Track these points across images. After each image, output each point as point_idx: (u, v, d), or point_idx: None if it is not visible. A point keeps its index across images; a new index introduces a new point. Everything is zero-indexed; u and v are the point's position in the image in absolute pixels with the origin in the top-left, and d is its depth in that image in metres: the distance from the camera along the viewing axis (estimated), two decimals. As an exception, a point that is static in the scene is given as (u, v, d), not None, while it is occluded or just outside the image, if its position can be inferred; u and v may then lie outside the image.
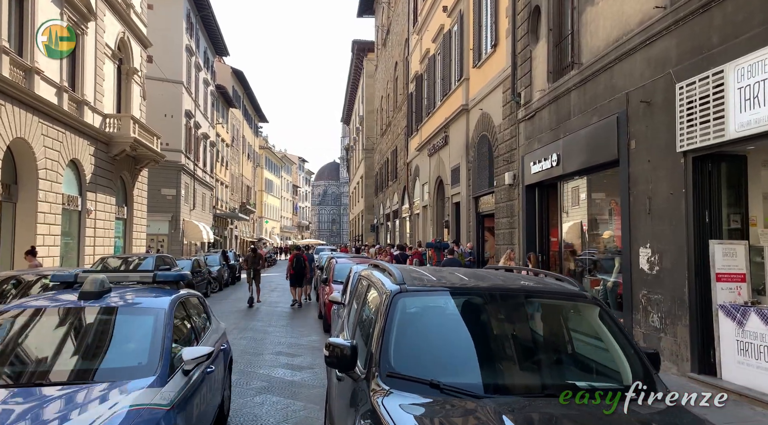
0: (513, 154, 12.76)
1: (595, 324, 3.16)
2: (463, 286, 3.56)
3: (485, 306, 3.36)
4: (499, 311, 3.36)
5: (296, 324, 12.95)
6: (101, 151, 21.16)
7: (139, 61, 25.76)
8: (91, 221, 20.25)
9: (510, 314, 3.33)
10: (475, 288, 3.49)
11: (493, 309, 3.36)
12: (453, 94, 17.68)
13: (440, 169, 19.67)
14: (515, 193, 12.60)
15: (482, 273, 4.17)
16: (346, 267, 12.42)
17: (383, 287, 3.45)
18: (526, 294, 3.45)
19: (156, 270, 13.36)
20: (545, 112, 11.04)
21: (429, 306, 3.38)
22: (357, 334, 3.77)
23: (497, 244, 13.78)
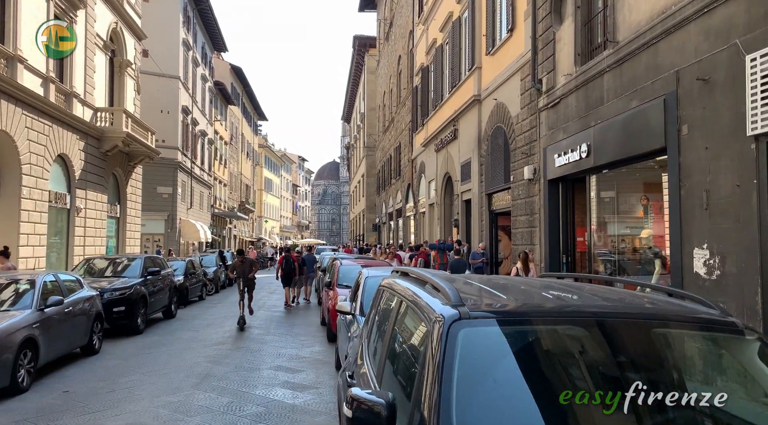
0: (533, 146, 11.74)
1: (755, 366, 2.13)
2: (554, 310, 2.51)
3: (592, 340, 2.28)
4: (614, 348, 2.28)
5: (297, 332, 11.94)
6: (92, 146, 20.13)
7: (132, 53, 24.72)
8: (80, 220, 19.23)
9: (630, 352, 2.29)
10: (575, 312, 2.41)
11: (604, 345, 2.28)
12: (463, 84, 16.66)
13: (449, 164, 18.64)
14: (536, 188, 11.58)
15: (560, 285, 3.10)
16: (351, 270, 11.40)
17: (429, 309, 2.41)
18: (654, 320, 2.34)
19: (145, 271, 12.42)
20: (572, 99, 10.02)
21: (507, 341, 2.26)
22: (387, 375, 2.74)
23: (514, 244, 12.76)
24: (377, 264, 12.13)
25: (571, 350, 2.18)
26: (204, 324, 13.09)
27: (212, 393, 6.94)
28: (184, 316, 14.54)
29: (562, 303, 2.52)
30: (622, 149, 8.35)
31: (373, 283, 6.64)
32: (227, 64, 50.56)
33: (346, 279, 11.01)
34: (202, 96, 40.02)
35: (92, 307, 9.20)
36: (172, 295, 14.01)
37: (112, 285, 11.07)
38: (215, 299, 19.56)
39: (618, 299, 2.61)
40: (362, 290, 6.46)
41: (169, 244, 33.02)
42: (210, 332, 11.86)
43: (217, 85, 45.30)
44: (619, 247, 9.63)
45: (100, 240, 21.02)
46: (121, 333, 11.25)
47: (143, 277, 12.05)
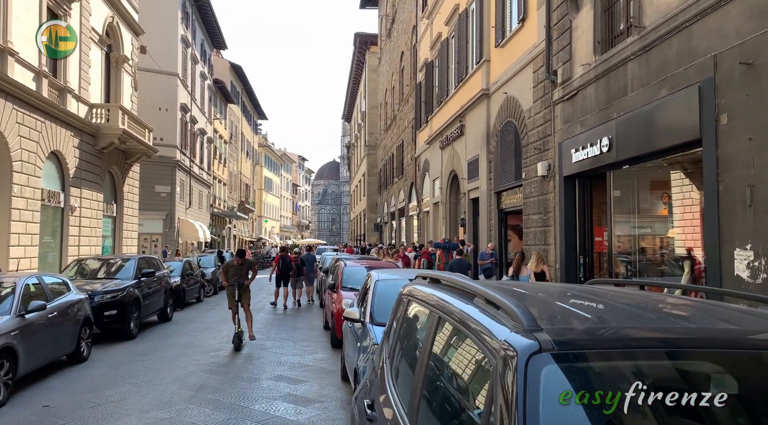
0: (547, 141, 11.15)
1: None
2: (674, 337, 1.79)
3: (720, 379, 1.63)
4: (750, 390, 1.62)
5: (299, 337, 11.34)
6: (87, 143, 19.56)
7: (129, 49, 24.13)
8: (75, 219, 18.65)
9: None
10: (704, 340, 1.68)
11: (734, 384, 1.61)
12: (470, 78, 16.07)
13: (454, 162, 18.06)
14: (550, 185, 10.99)
15: (638, 297, 2.45)
16: (356, 272, 10.83)
17: (489, 334, 1.80)
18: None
19: (139, 273, 11.83)
20: (590, 90, 9.43)
21: (611, 381, 1.59)
22: (424, 417, 2.13)
23: (526, 244, 12.17)
24: (383, 266, 11.57)
25: (707, 393, 1.50)
26: (201, 328, 12.51)
27: (207, 407, 6.34)
28: (180, 319, 13.96)
29: (674, 326, 1.89)
30: (648, 142, 7.76)
31: (384, 288, 6.08)
32: (227, 62, 49.98)
33: (351, 281, 10.43)
34: (201, 94, 39.45)
35: (80, 312, 8.60)
36: (168, 297, 13.41)
37: (104, 288, 10.46)
38: (213, 301, 18.96)
39: (733, 320, 1.97)
40: (372, 295, 5.90)
41: (167, 244, 32.47)
42: (207, 337, 11.27)
43: (216, 83, 44.72)
44: (642, 248, 9.05)
45: (96, 240, 20.45)
46: (112, 338, 10.66)
47: (137, 279, 11.45)
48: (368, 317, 5.76)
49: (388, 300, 5.87)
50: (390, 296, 6.08)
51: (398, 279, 6.39)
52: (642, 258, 9.06)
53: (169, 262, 18.07)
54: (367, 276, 7.25)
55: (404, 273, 7.41)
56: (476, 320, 1.92)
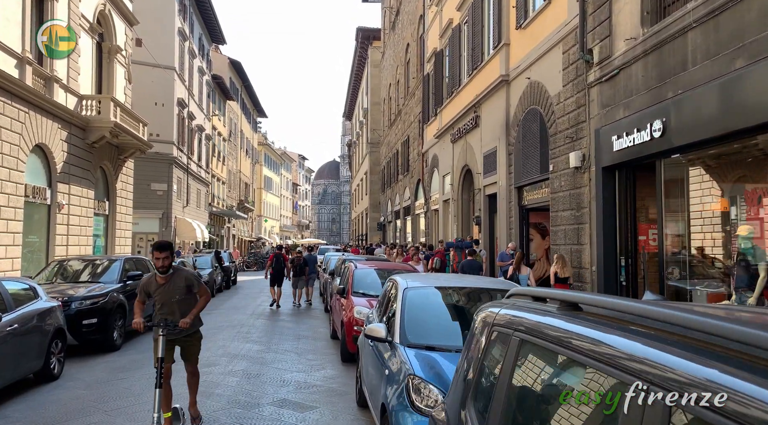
0: (580, 129, 9.99)
1: None
2: None
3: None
4: None
5: (303, 348, 10.14)
6: (76, 136, 18.40)
7: (123, 39, 22.95)
8: (63, 217, 17.50)
9: None
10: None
11: None
12: (487, 65, 14.91)
13: (468, 155, 16.90)
14: (584, 177, 9.82)
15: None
16: (367, 275, 9.71)
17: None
18: None
19: (124, 275, 10.64)
20: (637, 67, 8.27)
21: None
22: None
23: (554, 244, 11.01)
24: (398, 268, 10.42)
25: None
26: None
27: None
28: (173, 326, 12.67)
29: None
30: (716, 124, 6.60)
31: (416, 298, 4.94)
32: (226, 57, 48.82)
33: (362, 285, 9.29)
34: (199, 89, 38.28)
35: (50, 322, 7.38)
36: (158, 302, 12.17)
37: (83, 293, 9.25)
38: (210, 305, 17.65)
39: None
40: (401, 307, 4.73)
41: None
42: (203, 347, 9.96)
43: (215, 78, 43.54)
44: (699, 248, 7.88)
45: (86, 239, 19.30)
46: (93, 350, 9.46)
47: (122, 282, 10.26)
48: (397, 336, 4.58)
49: (422, 313, 4.73)
50: (425, 308, 4.93)
51: (430, 287, 5.37)
52: (698, 260, 7.90)
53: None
54: (390, 282, 6.08)
55: (434, 279, 6.39)
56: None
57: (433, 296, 5.37)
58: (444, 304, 5.38)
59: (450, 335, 4.69)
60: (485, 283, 5.91)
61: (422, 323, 4.76)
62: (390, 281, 6.03)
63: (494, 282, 6.03)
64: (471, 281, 6.02)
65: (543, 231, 13.21)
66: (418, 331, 4.61)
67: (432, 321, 4.93)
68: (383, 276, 9.88)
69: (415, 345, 4.44)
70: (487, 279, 6.35)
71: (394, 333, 4.50)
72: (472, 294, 5.36)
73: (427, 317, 4.94)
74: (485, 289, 5.46)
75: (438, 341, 4.54)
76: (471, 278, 6.83)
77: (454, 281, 6.08)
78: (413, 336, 4.53)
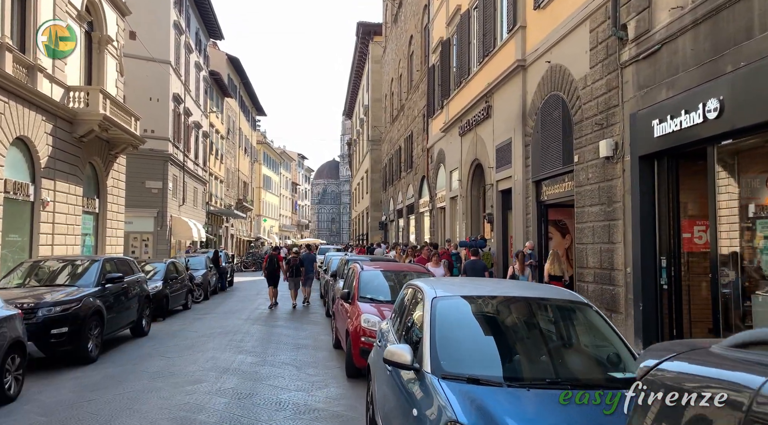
0: (611, 114, 8.96)
1: None
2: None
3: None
4: None
5: (303, 360, 9.04)
6: (62, 129, 17.37)
7: (114, 29, 21.91)
8: (47, 214, 16.45)
9: None
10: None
11: None
12: (500, 50, 13.87)
13: (478, 149, 15.86)
14: (617, 168, 8.79)
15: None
16: (375, 277, 8.66)
17: None
18: None
19: (102, 278, 9.58)
20: (685, 40, 7.24)
21: None
22: None
23: (580, 243, 9.97)
24: (410, 269, 9.35)
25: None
26: (182, 347, 10.23)
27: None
28: (159, 333, 11.65)
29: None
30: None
31: (450, 312, 3.84)
32: (223, 53, 47.75)
33: (370, 289, 8.22)
34: (196, 85, 37.22)
35: (5, 333, 6.30)
36: (144, 307, 11.11)
37: (53, 298, 8.16)
38: (203, 308, 16.68)
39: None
40: (431, 324, 3.65)
41: (159, 243, 30.29)
42: (187, 360, 8.95)
43: (212, 74, 42.46)
44: (757, 248, 6.85)
45: (74, 239, 18.26)
46: (65, 362, 8.41)
47: (100, 286, 9.20)
48: (428, 363, 3.44)
49: (459, 332, 3.68)
50: (463, 326, 3.89)
51: (467, 297, 4.31)
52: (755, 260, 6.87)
53: (155, 263, 15.90)
54: (410, 289, 4.97)
55: (469, 286, 5.16)
56: None
57: (472, 309, 4.22)
58: (487, 320, 4.20)
59: (498, 362, 3.58)
60: (539, 292, 4.63)
61: (461, 346, 3.68)
62: (409, 288, 4.92)
63: (550, 291, 4.74)
64: (520, 289, 4.80)
65: (563, 229, 12.20)
66: (457, 357, 3.53)
67: (474, 344, 3.80)
68: (393, 279, 8.83)
69: (454, 376, 3.31)
70: (540, 287, 4.94)
71: (424, 358, 3.40)
72: (525, 307, 4.23)
73: (466, 337, 3.84)
74: (541, 300, 4.31)
75: (484, 370, 3.41)
76: (518, 285, 5.55)
77: (496, 289, 4.86)
78: (450, 364, 3.39)
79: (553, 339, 3.87)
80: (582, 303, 4.04)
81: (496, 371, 3.45)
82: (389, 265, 9.89)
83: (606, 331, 3.74)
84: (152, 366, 8.42)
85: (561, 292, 4.41)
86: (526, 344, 3.70)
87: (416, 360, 3.45)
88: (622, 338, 3.67)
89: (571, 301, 4.05)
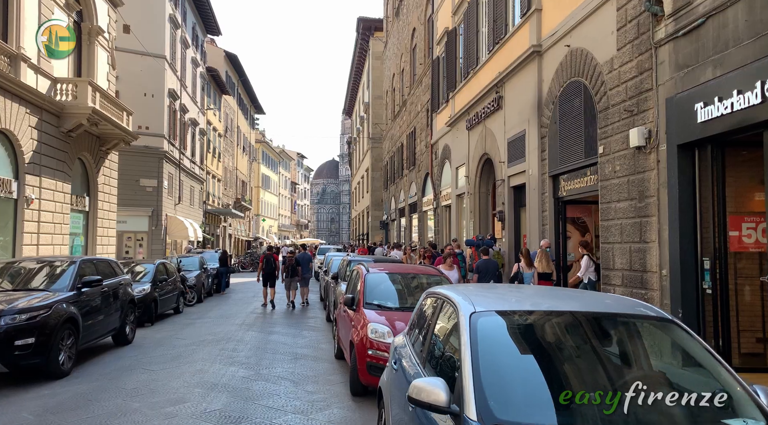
0: (644, 99, 8.07)
1: None
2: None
3: None
4: None
5: (302, 373, 8.08)
6: (49, 123, 16.49)
7: (106, 21, 21.03)
8: (32, 212, 15.56)
9: None
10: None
11: None
12: (512, 36, 12.99)
13: (487, 143, 14.97)
14: (650, 159, 7.91)
15: None
16: (382, 281, 7.75)
17: None
18: None
19: (78, 282, 8.66)
20: (736, 11, 6.37)
21: None
22: None
23: (606, 242, 9.08)
24: (423, 272, 8.43)
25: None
26: (168, 357, 9.22)
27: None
28: (144, 341, 10.69)
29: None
30: None
31: (492, 332, 2.84)
32: (221, 50, 46.85)
33: (377, 295, 7.30)
34: (192, 81, 36.32)
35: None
36: (128, 312, 10.18)
37: (18, 305, 7.18)
38: (195, 312, 15.73)
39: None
40: (473, 353, 2.73)
41: (153, 243, 29.41)
42: (171, 373, 8.04)
43: (209, 71, 41.55)
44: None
45: (61, 238, 17.36)
46: (33, 377, 7.47)
47: (75, 290, 8.29)
48: (472, 406, 2.49)
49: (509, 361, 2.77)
50: (511, 351, 2.98)
51: (508, 312, 3.28)
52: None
53: (145, 264, 14.98)
54: (435, 299, 3.94)
55: (505, 296, 4.08)
56: None
57: (523, 329, 3.21)
58: (544, 345, 3.16)
59: (563, 407, 2.56)
60: (604, 305, 3.55)
61: (514, 381, 2.75)
62: (432, 296, 3.93)
63: (617, 303, 3.63)
64: (577, 301, 3.65)
65: (582, 227, 11.32)
66: (510, 398, 2.61)
67: (530, 378, 2.81)
68: (402, 283, 7.94)
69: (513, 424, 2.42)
70: (601, 298, 3.95)
71: (466, 400, 2.43)
72: (591, 326, 3.21)
73: (519, 369, 2.86)
74: (612, 316, 3.28)
75: (545, 418, 2.50)
76: (571, 295, 4.19)
77: (545, 300, 3.69)
78: (502, 409, 2.47)
79: (631, 368, 2.95)
80: (666, 319, 3.13)
81: (563, 419, 2.54)
82: (397, 267, 8.94)
83: (702, 357, 2.85)
84: (131, 382, 7.47)
85: (631, 304, 3.41)
86: (597, 377, 2.78)
87: (454, 401, 2.54)
88: (726, 367, 2.77)
89: (652, 317, 3.15)
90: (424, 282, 7.72)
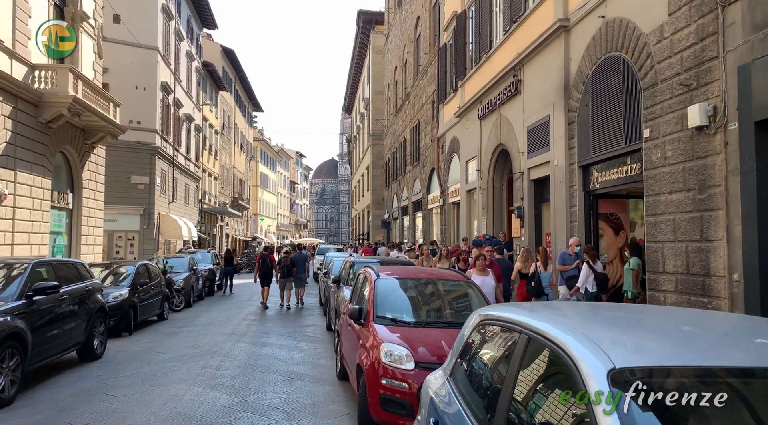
0: (706, 71, 6.76)
1: None
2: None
3: None
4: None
5: (298, 402, 6.62)
6: (25, 113, 15.17)
7: (92, 6, 19.71)
8: (5, 209, 14.25)
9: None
10: None
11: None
12: (533, 13, 11.69)
13: (503, 132, 13.67)
14: (715, 141, 6.60)
15: None
16: (395, 288, 6.41)
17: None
18: None
19: (29, 289, 7.30)
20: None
21: None
22: None
23: (653, 241, 7.77)
24: (446, 277, 7.03)
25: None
26: (140, 377, 7.79)
27: None
28: (117, 355, 9.29)
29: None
30: None
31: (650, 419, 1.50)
32: (218, 45, 45.54)
33: (391, 305, 5.92)
34: (187, 75, 34.99)
35: None
36: (94, 323, 8.70)
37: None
38: (182, 318, 14.32)
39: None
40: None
41: (145, 243, 28.10)
42: (139, 400, 6.61)
43: (206, 66, 40.23)
44: None
45: (40, 237, 16.04)
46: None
47: (25, 298, 6.94)
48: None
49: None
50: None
51: (673, 369, 1.82)
52: None
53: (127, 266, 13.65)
54: (509, 331, 2.54)
55: (625, 326, 2.66)
56: None
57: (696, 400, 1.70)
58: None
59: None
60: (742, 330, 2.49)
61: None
62: (497, 325, 2.42)
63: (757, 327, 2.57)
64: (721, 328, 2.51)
65: (616, 224, 10.02)
66: None
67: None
68: (420, 291, 6.58)
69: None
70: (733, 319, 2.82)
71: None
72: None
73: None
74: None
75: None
76: (739, 328, 2.79)
77: (703, 341, 2.30)
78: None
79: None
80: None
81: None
82: (411, 271, 7.49)
83: None
84: (84, 415, 6.02)
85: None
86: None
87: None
88: None
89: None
90: (449, 291, 6.37)
